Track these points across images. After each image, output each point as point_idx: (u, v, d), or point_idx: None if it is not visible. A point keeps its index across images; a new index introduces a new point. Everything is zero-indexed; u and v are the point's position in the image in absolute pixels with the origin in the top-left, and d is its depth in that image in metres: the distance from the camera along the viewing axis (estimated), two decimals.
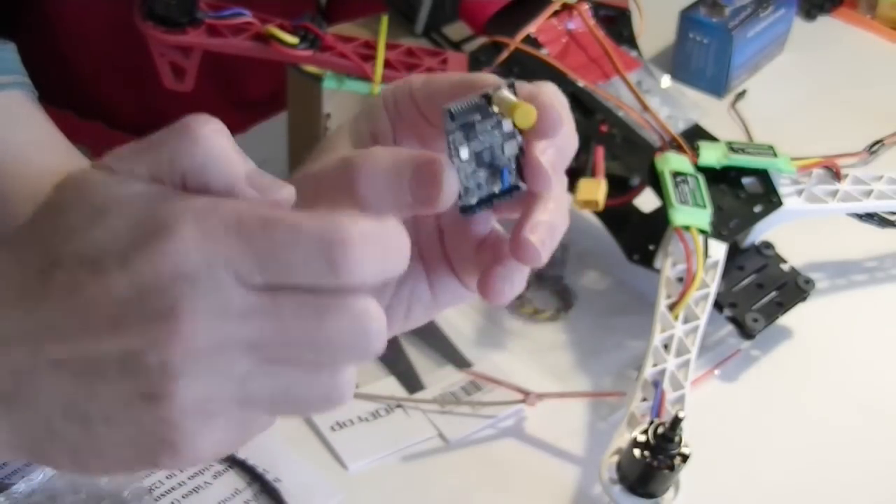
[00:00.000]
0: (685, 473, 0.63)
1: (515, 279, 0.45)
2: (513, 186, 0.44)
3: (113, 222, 0.39)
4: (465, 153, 0.43)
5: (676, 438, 0.62)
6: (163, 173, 0.40)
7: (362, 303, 0.39)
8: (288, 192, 0.41)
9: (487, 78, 0.44)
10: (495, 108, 0.43)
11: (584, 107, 0.80)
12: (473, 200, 0.44)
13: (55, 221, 0.40)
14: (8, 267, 0.40)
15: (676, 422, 0.62)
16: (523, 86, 0.44)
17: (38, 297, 0.39)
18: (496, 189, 0.44)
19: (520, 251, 0.43)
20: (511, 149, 0.44)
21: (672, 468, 0.62)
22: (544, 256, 0.44)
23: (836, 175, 0.80)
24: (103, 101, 1.08)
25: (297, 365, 0.39)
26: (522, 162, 0.44)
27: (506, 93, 0.42)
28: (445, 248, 0.48)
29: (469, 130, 0.43)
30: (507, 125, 0.43)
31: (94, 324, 0.38)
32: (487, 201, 0.44)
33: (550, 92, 0.44)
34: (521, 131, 0.44)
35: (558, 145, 0.44)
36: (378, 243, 0.38)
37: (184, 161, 0.39)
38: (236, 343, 0.38)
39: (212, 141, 0.40)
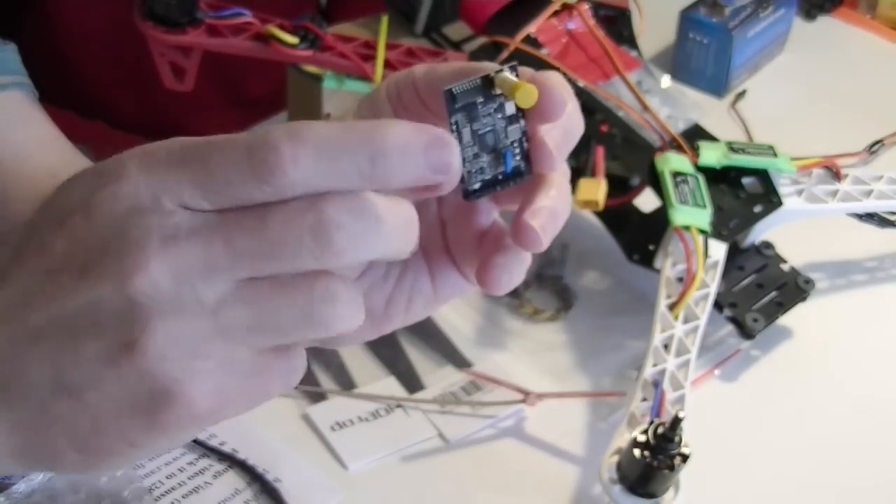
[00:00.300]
0: (685, 473, 0.63)
1: (514, 270, 0.44)
2: (516, 171, 0.44)
3: (78, 179, 0.40)
4: (467, 135, 0.42)
5: (676, 438, 0.62)
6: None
7: (307, 201, 0.38)
8: None
9: (490, 65, 0.43)
10: (497, 91, 0.42)
11: (584, 107, 0.79)
12: (477, 185, 0.43)
13: (45, 205, 0.41)
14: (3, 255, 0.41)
15: (676, 422, 0.62)
16: (526, 70, 0.43)
17: (14, 270, 0.40)
18: (499, 173, 0.43)
19: (520, 236, 0.43)
20: (514, 133, 0.43)
21: (672, 468, 0.62)
22: (545, 242, 0.43)
23: (836, 175, 0.80)
24: (104, 101, 1.08)
25: (264, 283, 0.38)
26: (527, 147, 0.43)
27: (507, 74, 0.42)
28: (447, 240, 0.48)
29: (471, 111, 0.42)
30: (509, 108, 0.43)
31: (63, 278, 0.39)
32: (491, 186, 0.43)
33: (553, 76, 0.43)
34: (524, 115, 0.43)
35: (563, 126, 0.44)
36: (310, 140, 0.37)
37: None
38: (194, 265, 0.38)
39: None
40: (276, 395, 0.41)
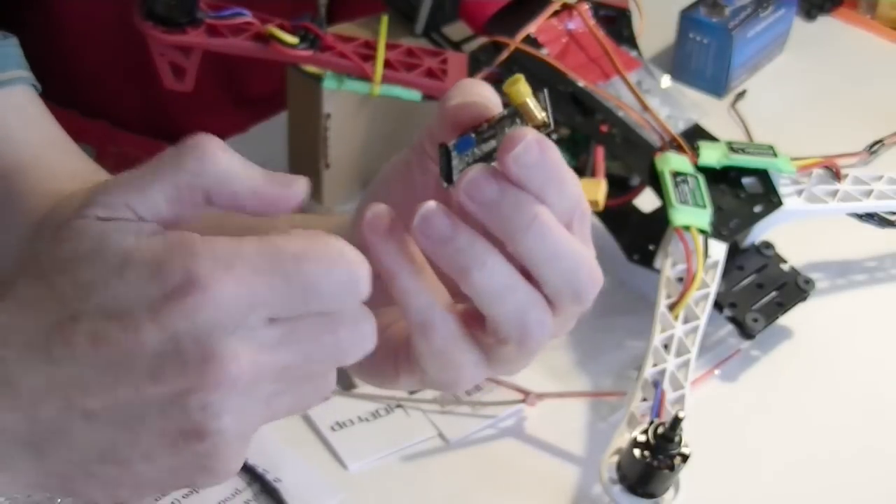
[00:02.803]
0: (685, 473, 0.63)
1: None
2: (448, 163, 0.43)
3: (134, 274, 0.39)
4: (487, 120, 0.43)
5: (676, 438, 0.62)
6: (183, 197, 0.41)
7: (362, 315, 0.41)
8: (302, 183, 0.42)
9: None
10: (512, 111, 0.43)
11: (584, 107, 0.80)
12: (450, 145, 0.43)
13: (70, 275, 0.40)
14: (24, 321, 0.40)
15: (676, 422, 0.62)
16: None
17: (60, 352, 0.39)
18: (452, 150, 0.43)
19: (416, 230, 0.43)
20: (489, 146, 0.43)
21: (672, 468, 0.62)
22: (417, 230, 0.42)
23: (836, 175, 0.80)
24: (107, 100, 1.08)
25: (311, 376, 0.41)
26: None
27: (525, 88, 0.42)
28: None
29: (511, 115, 0.43)
30: (509, 126, 0.43)
31: (130, 376, 0.39)
32: (442, 155, 0.43)
33: (540, 137, 0.42)
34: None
35: (504, 189, 0.42)
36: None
37: (207, 178, 0.41)
38: (267, 373, 0.40)
39: (227, 154, 0.41)
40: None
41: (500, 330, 0.43)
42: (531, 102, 0.42)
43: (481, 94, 0.44)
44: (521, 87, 0.42)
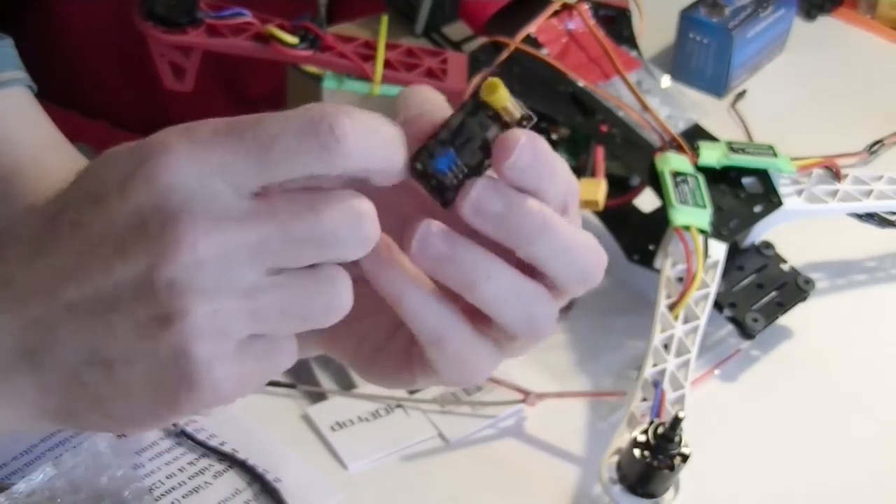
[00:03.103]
0: (685, 473, 0.63)
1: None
2: (440, 184, 0.42)
3: (112, 158, 0.40)
4: (457, 120, 0.42)
5: (676, 438, 0.62)
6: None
7: (350, 193, 0.40)
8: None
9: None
10: (491, 113, 0.42)
11: (584, 107, 0.80)
12: (420, 163, 0.42)
13: (76, 185, 0.41)
14: (27, 223, 0.41)
15: (676, 422, 0.62)
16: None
17: (49, 244, 0.40)
18: (435, 170, 0.42)
19: (409, 230, 0.42)
20: (473, 157, 0.42)
21: (672, 468, 0.62)
22: (415, 252, 0.42)
23: (836, 175, 0.80)
24: (108, 101, 1.08)
25: (300, 272, 0.40)
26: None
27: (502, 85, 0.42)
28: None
29: (475, 111, 0.42)
30: (491, 132, 0.42)
31: (101, 255, 0.39)
32: (423, 174, 0.42)
33: (529, 135, 0.42)
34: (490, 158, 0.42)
35: (508, 198, 0.42)
36: (362, 120, 0.40)
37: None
38: (238, 249, 0.38)
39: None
40: (280, 373, 0.42)
41: (508, 329, 0.43)
42: (510, 105, 0.42)
43: (427, 100, 0.44)
44: (502, 92, 0.42)
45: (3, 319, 0.40)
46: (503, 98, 0.42)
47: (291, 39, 0.78)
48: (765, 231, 0.78)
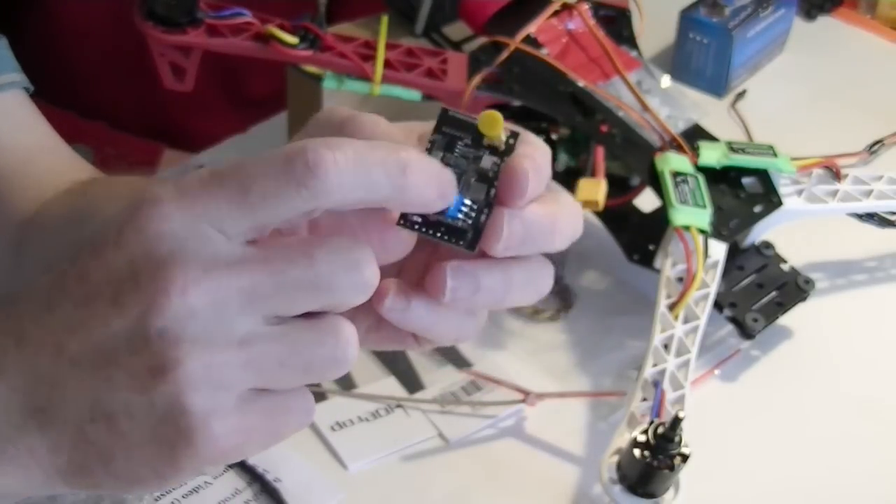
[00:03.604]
0: (685, 473, 0.63)
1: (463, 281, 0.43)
2: (455, 229, 0.42)
3: (112, 208, 0.40)
4: (436, 159, 0.42)
5: (676, 438, 0.62)
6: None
7: (348, 240, 0.39)
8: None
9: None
10: (485, 143, 0.42)
11: (584, 107, 0.80)
12: (417, 217, 0.42)
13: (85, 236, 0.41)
14: (42, 278, 0.41)
15: (676, 422, 0.62)
16: (525, 148, 0.43)
17: (57, 297, 0.40)
18: (442, 222, 0.42)
19: (430, 281, 0.42)
20: (476, 191, 0.42)
21: (672, 468, 0.62)
22: (449, 300, 0.42)
23: (836, 175, 0.80)
24: (105, 101, 1.08)
25: (300, 322, 0.39)
26: (483, 221, 0.42)
27: (496, 113, 0.42)
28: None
29: (451, 142, 0.42)
30: (486, 163, 0.42)
31: (99, 307, 0.39)
32: (426, 227, 0.42)
33: (531, 167, 0.42)
34: (495, 186, 0.42)
35: (526, 221, 0.42)
36: (348, 147, 0.39)
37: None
38: (230, 295, 0.38)
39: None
40: (291, 434, 0.41)
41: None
42: (504, 134, 0.42)
43: (385, 133, 0.44)
44: (501, 124, 0.42)
45: (13, 377, 0.40)
46: (500, 128, 0.42)
47: (291, 39, 0.78)
48: (765, 231, 0.78)
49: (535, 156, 0.43)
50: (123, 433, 0.39)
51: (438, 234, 0.42)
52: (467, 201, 0.42)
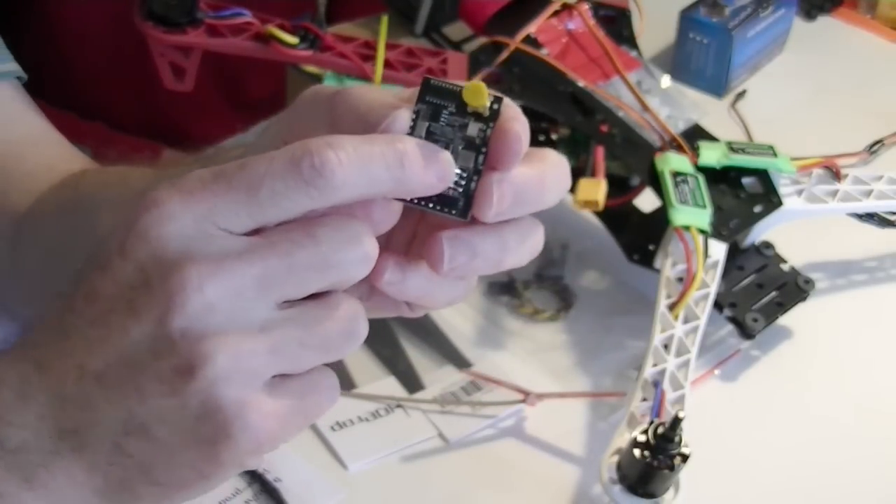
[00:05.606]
0: (685, 473, 0.63)
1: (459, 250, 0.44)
2: (446, 199, 0.42)
3: (110, 219, 0.40)
4: (420, 131, 0.42)
5: (676, 438, 0.62)
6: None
7: (345, 216, 0.40)
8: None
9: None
10: (469, 109, 0.42)
11: (584, 107, 0.80)
12: None
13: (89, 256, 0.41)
14: (53, 308, 0.41)
15: (676, 422, 0.62)
16: (507, 112, 0.43)
17: (70, 321, 0.40)
18: (461, 166, 0.42)
19: (427, 252, 0.43)
20: (465, 160, 0.42)
21: (672, 468, 0.62)
22: (447, 270, 0.43)
23: (836, 175, 0.80)
24: (105, 102, 1.08)
25: (310, 303, 0.40)
26: (473, 187, 0.42)
27: (480, 82, 0.42)
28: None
29: (436, 112, 0.42)
30: (472, 130, 0.42)
31: (115, 319, 0.39)
32: (418, 200, 0.42)
33: (520, 128, 0.42)
34: (485, 151, 0.42)
35: (517, 184, 0.43)
36: (349, 144, 0.39)
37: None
38: (245, 284, 0.38)
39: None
40: (324, 413, 0.42)
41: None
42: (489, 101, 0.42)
43: (377, 103, 0.44)
44: (485, 93, 0.42)
45: (40, 405, 0.40)
46: (486, 98, 0.42)
47: (291, 39, 0.78)
48: (765, 231, 0.78)
49: (520, 117, 0.43)
50: (160, 440, 0.39)
51: (430, 205, 0.42)
52: (456, 170, 0.42)
